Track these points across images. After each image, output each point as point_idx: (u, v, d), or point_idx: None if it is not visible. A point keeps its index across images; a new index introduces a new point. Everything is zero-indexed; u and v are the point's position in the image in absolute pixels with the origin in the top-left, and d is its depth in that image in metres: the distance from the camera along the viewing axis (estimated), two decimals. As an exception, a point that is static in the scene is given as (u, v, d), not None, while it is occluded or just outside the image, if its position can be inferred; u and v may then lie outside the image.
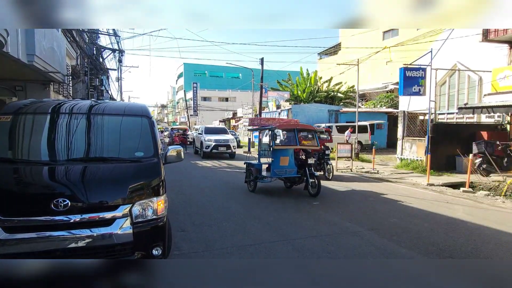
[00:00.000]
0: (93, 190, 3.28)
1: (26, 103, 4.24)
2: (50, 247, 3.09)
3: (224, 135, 19.74)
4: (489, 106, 12.80)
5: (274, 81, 34.11)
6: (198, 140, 20.28)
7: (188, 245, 5.10)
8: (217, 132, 20.31)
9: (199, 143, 20.02)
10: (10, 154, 3.69)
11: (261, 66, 25.97)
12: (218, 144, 18.47)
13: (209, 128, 21.15)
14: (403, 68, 13.46)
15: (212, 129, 21.09)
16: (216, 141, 18.45)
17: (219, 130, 21.25)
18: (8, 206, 3.07)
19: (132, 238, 3.32)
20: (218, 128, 22.10)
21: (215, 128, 21.73)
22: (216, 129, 21.55)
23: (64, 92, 14.54)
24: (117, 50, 22.10)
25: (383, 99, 27.22)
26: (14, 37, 7.39)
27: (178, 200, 7.92)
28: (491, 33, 13.60)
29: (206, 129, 20.20)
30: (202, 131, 19.72)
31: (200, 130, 20.50)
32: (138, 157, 3.79)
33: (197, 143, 20.73)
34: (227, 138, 19.13)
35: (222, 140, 18.67)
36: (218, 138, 18.80)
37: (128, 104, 4.94)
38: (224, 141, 18.67)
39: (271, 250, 4.96)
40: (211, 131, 20.16)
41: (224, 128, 22.68)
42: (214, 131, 20.33)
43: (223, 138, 19.02)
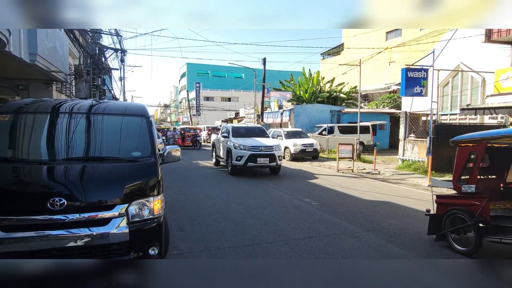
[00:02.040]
0: (90, 190, 3.30)
1: (26, 102, 4.27)
2: (46, 246, 3.11)
3: (262, 138, 13.38)
4: (492, 107, 12.74)
5: (276, 81, 34.07)
6: (222, 145, 14.07)
7: (186, 245, 5.12)
8: (251, 133, 13.79)
9: (223, 150, 13.80)
10: (8, 153, 3.71)
11: (264, 66, 25.96)
12: (257, 153, 12.00)
13: (239, 128, 14.37)
14: (405, 69, 13.41)
15: (244, 129, 14.22)
16: (252, 149, 12.05)
17: (253, 130, 14.31)
18: (5, 205, 3.09)
19: (128, 238, 3.33)
20: (251, 128, 14.71)
21: (248, 128, 14.58)
22: (249, 129, 14.41)
23: (66, 91, 14.58)
24: (119, 49, 22.16)
25: (386, 100, 27.13)
26: (17, 37, 7.43)
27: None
28: (494, 34, 13.54)
29: (235, 130, 13.72)
30: (229, 133, 13.42)
31: (225, 131, 14.20)
32: (135, 156, 3.80)
33: (220, 151, 14.38)
34: (269, 143, 12.59)
35: (263, 147, 12.17)
36: (255, 143, 12.41)
37: (126, 104, 4.97)
38: (265, 148, 12.17)
39: (269, 251, 4.97)
40: (242, 132, 13.74)
41: (260, 128, 15.05)
42: (247, 132, 13.86)
43: (262, 143, 12.49)
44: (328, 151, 19.99)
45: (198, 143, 26.45)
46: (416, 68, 13.71)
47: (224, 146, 13.65)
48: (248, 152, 11.90)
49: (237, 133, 13.32)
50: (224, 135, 13.75)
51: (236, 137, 12.91)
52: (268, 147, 12.20)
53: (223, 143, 13.79)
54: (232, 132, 13.23)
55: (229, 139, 12.92)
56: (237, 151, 12.04)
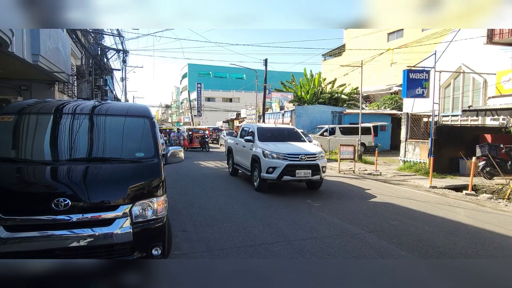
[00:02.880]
0: (94, 190, 3.32)
1: (30, 103, 4.30)
2: (50, 246, 3.13)
3: (297, 142, 10.22)
4: (494, 108, 12.75)
5: (277, 82, 34.10)
6: (243, 151, 10.94)
7: (189, 245, 5.13)
8: (282, 136, 10.61)
9: (245, 158, 10.69)
10: (13, 153, 3.74)
11: (265, 67, 25.98)
12: (295, 163, 8.96)
13: (266, 129, 10.85)
14: (406, 70, 13.43)
15: (273, 131, 10.89)
16: (289, 157, 8.96)
17: (284, 132, 11.00)
18: (9, 205, 3.11)
19: (132, 238, 3.35)
20: (282, 130, 11.24)
21: (278, 130, 11.15)
22: (279, 131, 11.05)
23: (68, 92, 14.63)
24: (121, 50, 22.21)
25: (387, 101, 27.14)
26: (19, 37, 7.46)
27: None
28: (496, 36, 13.55)
29: (262, 132, 10.46)
30: (253, 135, 10.33)
31: (247, 133, 11.13)
32: (138, 157, 3.83)
33: (241, 158, 11.28)
34: (310, 149, 9.49)
35: (304, 155, 9.06)
36: (292, 150, 9.29)
37: (129, 104, 4.99)
38: (307, 156, 9.07)
39: (271, 251, 4.98)
40: (271, 134, 10.51)
41: (292, 130, 11.37)
42: (277, 134, 10.64)
43: (302, 149, 9.39)
44: (329, 152, 20.00)
45: (206, 144, 25.27)
46: (417, 69, 13.72)
47: (246, 152, 10.53)
48: (283, 162, 8.82)
49: (265, 136, 10.24)
50: (248, 139, 10.43)
51: (263, 141, 9.92)
52: (310, 154, 9.09)
53: (245, 148, 10.64)
54: (259, 135, 10.17)
55: (254, 143, 10.00)
56: (268, 161, 8.99)
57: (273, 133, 10.74)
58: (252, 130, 10.81)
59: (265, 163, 9.09)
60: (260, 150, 9.44)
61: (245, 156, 10.78)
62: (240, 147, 11.40)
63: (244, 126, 12.24)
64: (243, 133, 11.72)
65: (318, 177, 9.16)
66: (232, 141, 12.82)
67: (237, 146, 11.76)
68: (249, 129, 11.22)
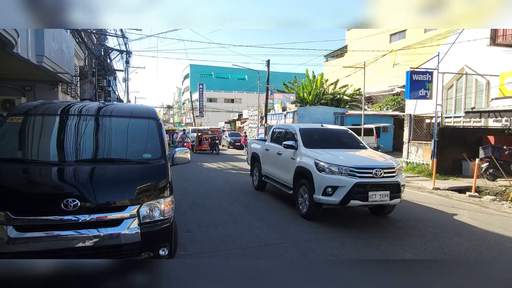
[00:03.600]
0: (102, 191, 3.34)
1: (36, 104, 4.33)
2: (59, 246, 3.15)
3: (357, 150, 7.72)
4: (497, 110, 12.75)
5: (280, 83, 34.14)
6: (278, 160, 8.34)
7: (195, 246, 5.15)
8: (333, 141, 7.98)
9: (285, 170, 7.88)
10: (20, 154, 3.78)
11: (267, 68, 26.02)
12: (368, 181, 6.25)
13: (311, 131, 8.26)
14: (409, 72, 13.44)
15: (322, 133, 8.35)
16: (358, 172, 6.25)
17: (337, 136, 8.46)
18: (19, 205, 3.13)
19: (140, 239, 3.37)
20: (334, 132, 8.70)
21: (329, 132, 8.56)
22: (331, 133, 8.52)
23: (72, 92, 14.69)
24: (125, 51, 22.28)
25: (390, 102, 27.14)
26: (24, 38, 7.52)
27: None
28: (499, 37, 13.55)
29: (307, 134, 7.85)
30: (296, 138, 7.71)
31: (284, 136, 8.42)
32: (145, 158, 3.86)
33: (274, 169, 8.68)
34: (384, 161, 6.79)
35: (378, 169, 6.30)
36: (359, 161, 6.71)
37: (135, 106, 5.01)
38: (383, 171, 6.33)
39: (276, 252, 4.99)
40: (319, 139, 7.90)
41: (347, 132, 8.72)
42: (328, 139, 8.06)
43: (374, 161, 6.75)
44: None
45: (216, 146, 23.85)
46: (421, 71, 13.74)
47: (284, 162, 7.88)
48: (350, 179, 6.12)
49: (312, 140, 7.54)
50: (288, 144, 7.51)
51: (311, 147, 7.22)
52: (387, 168, 6.37)
53: (283, 157, 8.00)
54: (303, 139, 7.48)
55: (298, 151, 7.32)
56: (326, 177, 6.29)
57: (322, 136, 8.09)
58: (291, 132, 8.10)
59: (321, 181, 6.32)
60: (311, 160, 6.70)
61: (282, 167, 8.05)
62: (272, 155, 8.70)
63: (276, 127, 9.45)
64: (275, 135, 9.03)
65: (398, 201, 6.43)
66: (258, 146, 9.97)
67: (268, 153, 9.05)
68: (286, 130, 8.48)
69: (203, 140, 24.30)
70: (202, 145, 24.18)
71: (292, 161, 7.44)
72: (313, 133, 8.15)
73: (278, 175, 8.39)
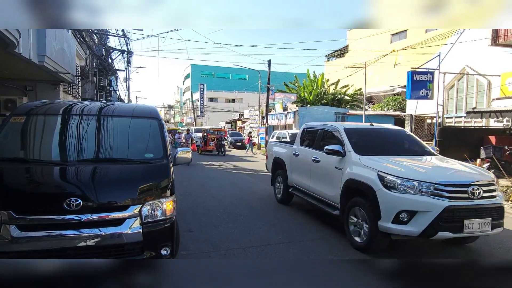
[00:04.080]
0: (104, 190, 3.36)
1: (38, 104, 4.34)
2: (61, 245, 3.16)
3: (426, 157, 5.86)
4: (498, 110, 12.75)
5: (280, 83, 34.15)
6: (315, 169, 6.51)
7: (196, 246, 5.16)
8: (390, 145, 6.13)
9: (319, 181, 6.38)
10: (23, 154, 3.79)
11: (268, 68, 26.01)
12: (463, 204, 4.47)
13: (360, 131, 6.38)
14: (410, 72, 13.46)
15: (372, 135, 6.41)
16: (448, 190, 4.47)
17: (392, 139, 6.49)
18: (22, 204, 3.15)
19: (142, 238, 3.38)
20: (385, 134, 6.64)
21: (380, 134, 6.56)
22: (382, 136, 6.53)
23: (73, 92, 14.72)
24: (126, 51, 22.31)
25: (390, 102, 27.12)
26: (26, 38, 7.53)
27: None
28: (500, 37, 13.54)
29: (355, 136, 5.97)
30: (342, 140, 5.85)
31: (322, 137, 6.67)
32: (147, 158, 3.87)
33: (308, 180, 6.78)
34: (477, 173, 4.97)
35: (476, 186, 4.53)
36: (447, 173, 4.99)
37: (137, 105, 5.03)
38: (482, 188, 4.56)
39: (277, 252, 5.00)
40: (371, 143, 6.04)
41: (403, 133, 6.75)
42: (380, 143, 6.19)
43: (465, 173, 4.97)
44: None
45: (223, 147, 22.62)
46: (422, 71, 13.75)
47: (327, 172, 6.09)
48: (438, 201, 4.46)
49: (364, 145, 5.85)
50: (332, 149, 5.75)
51: (364, 153, 5.48)
52: (485, 184, 4.74)
53: (322, 165, 6.28)
54: (352, 142, 5.76)
55: (346, 158, 5.59)
56: (399, 197, 4.61)
57: (375, 138, 6.34)
58: (331, 133, 6.38)
59: (392, 202, 4.59)
60: (370, 172, 4.94)
61: (320, 178, 6.34)
62: (304, 162, 6.93)
63: (308, 127, 7.52)
64: (308, 137, 7.26)
65: (500, 230, 4.76)
66: (283, 150, 8.18)
67: (298, 160, 7.25)
68: (324, 131, 6.70)
69: (209, 140, 23.27)
70: (208, 146, 23.20)
71: (338, 172, 5.64)
72: (364, 134, 6.29)
73: (313, 188, 6.55)
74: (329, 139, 6.41)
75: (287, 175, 7.72)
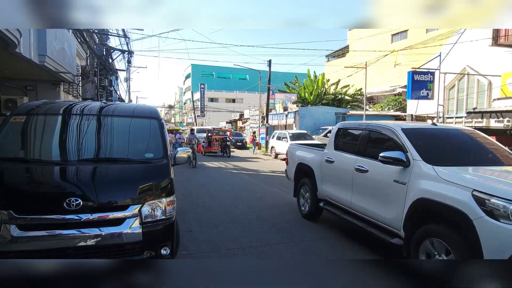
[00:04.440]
0: (104, 190, 3.36)
1: (39, 103, 4.34)
2: (61, 245, 3.16)
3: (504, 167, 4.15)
4: (499, 110, 12.74)
5: (281, 83, 34.17)
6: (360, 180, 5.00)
7: (196, 246, 5.16)
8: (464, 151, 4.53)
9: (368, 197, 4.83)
10: (23, 154, 3.79)
11: (269, 68, 26.01)
12: None
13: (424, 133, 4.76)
14: (411, 72, 13.46)
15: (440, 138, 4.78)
16: None
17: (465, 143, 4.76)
18: (22, 204, 3.14)
19: (142, 238, 3.38)
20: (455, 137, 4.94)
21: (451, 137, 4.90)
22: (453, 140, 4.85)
23: (73, 92, 14.73)
24: (126, 51, 22.31)
25: (391, 102, 27.13)
26: (27, 38, 7.54)
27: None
28: (501, 38, 13.53)
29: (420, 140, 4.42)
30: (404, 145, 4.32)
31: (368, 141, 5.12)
32: (148, 158, 3.87)
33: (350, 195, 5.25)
34: None
35: None
36: None
37: (137, 105, 5.03)
38: None
39: (277, 252, 5.00)
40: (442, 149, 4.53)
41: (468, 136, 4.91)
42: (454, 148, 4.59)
43: None
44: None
45: (228, 148, 21.50)
46: (422, 71, 13.74)
47: (381, 187, 4.61)
48: None
49: (434, 152, 4.36)
50: (391, 157, 4.23)
51: (437, 163, 3.96)
52: None
53: (374, 177, 4.77)
54: (418, 148, 4.24)
55: (411, 169, 4.10)
56: None
57: (446, 143, 4.78)
58: (383, 135, 4.93)
59: (506, 238, 3.02)
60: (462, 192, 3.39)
61: (370, 194, 4.84)
62: (343, 171, 5.51)
63: (345, 126, 6.11)
64: (346, 140, 5.90)
65: None
66: (311, 155, 6.74)
67: (333, 168, 5.86)
68: (371, 131, 5.21)
69: (213, 141, 22.45)
70: (212, 147, 22.39)
71: (399, 187, 4.22)
72: (429, 137, 4.78)
73: (357, 205, 5.13)
74: (379, 142, 5.00)
75: (316, 185, 6.33)
